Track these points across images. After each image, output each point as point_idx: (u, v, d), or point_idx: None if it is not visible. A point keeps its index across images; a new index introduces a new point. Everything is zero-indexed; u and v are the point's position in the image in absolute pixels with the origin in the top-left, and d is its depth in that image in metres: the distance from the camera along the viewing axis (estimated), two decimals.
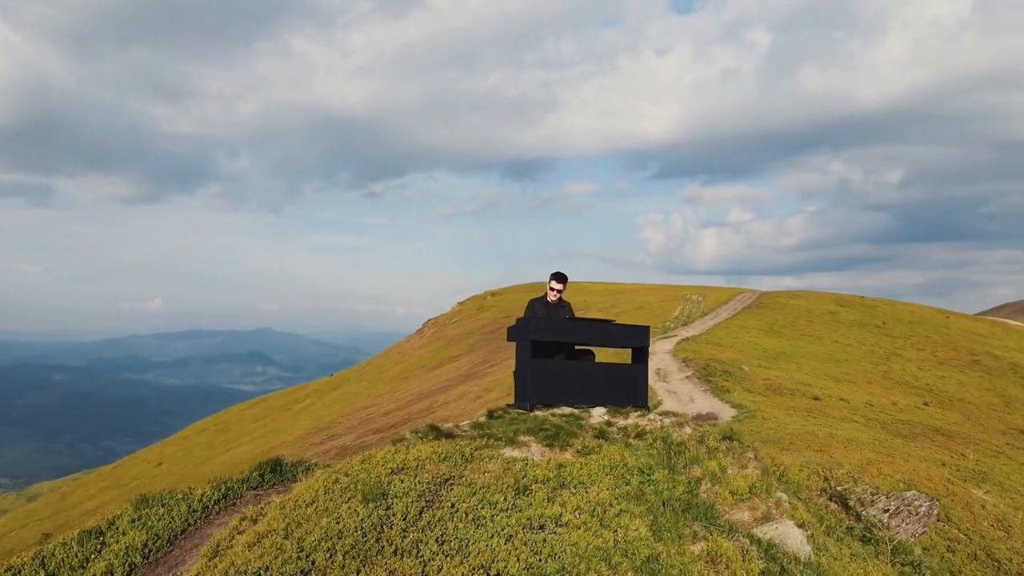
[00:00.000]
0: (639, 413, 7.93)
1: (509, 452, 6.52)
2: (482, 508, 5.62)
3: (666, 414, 8.15)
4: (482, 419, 7.66)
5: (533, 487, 5.94)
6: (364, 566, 5.12)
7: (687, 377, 32.70)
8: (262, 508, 6.80)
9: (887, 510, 11.00)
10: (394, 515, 5.58)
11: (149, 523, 6.87)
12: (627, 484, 6.19)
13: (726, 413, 24.29)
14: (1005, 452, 26.92)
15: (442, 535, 5.31)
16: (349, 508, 5.80)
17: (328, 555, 5.31)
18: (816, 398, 28.61)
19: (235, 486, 7.62)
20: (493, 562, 4.97)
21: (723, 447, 7.62)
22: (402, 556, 5.15)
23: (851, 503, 9.54)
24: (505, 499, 5.74)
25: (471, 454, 6.47)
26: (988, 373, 43.45)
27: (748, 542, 6.22)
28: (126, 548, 6.53)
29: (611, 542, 5.45)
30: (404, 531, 5.40)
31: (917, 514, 11.29)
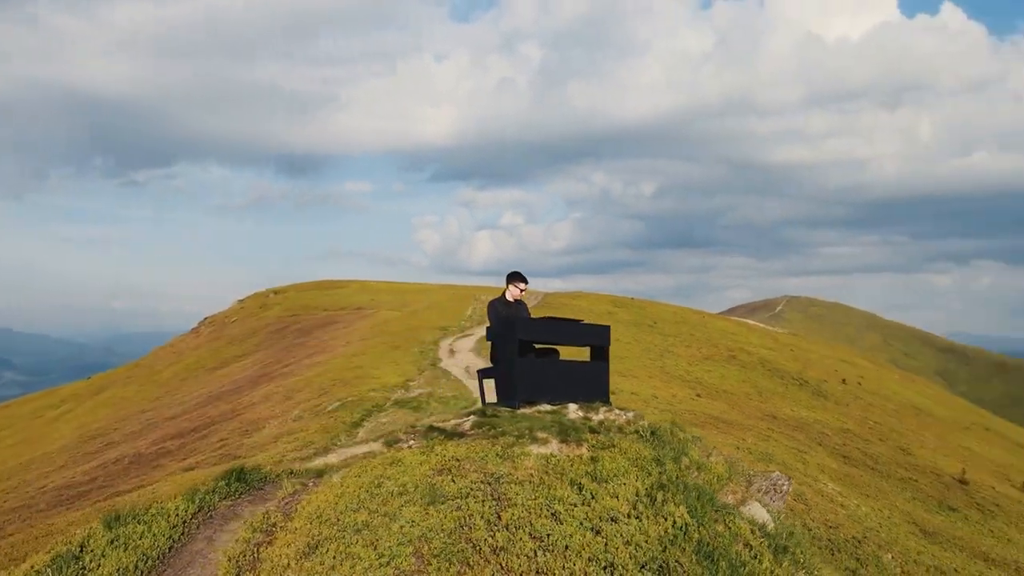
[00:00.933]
0: (607, 408, 8.35)
1: (536, 449, 6.63)
2: (553, 504, 5.72)
3: (624, 409, 8.65)
4: (474, 418, 7.65)
5: (582, 481, 6.13)
6: (466, 567, 5.02)
7: None
8: (268, 516, 6.29)
9: (760, 489, 12.42)
10: (471, 515, 5.50)
11: (132, 543, 6.04)
12: (650, 475, 6.58)
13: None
14: (772, 436, 31.00)
15: (532, 532, 5.35)
16: (415, 511, 5.61)
17: (416, 559, 5.13)
18: (612, 392, 31.10)
19: (207, 497, 6.90)
20: (600, 554, 5.12)
21: (689, 438, 8.29)
22: (502, 554, 5.12)
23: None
24: (567, 494, 5.88)
25: (504, 451, 6.50)
26: (743, 367, 49.55)
27: (745, 522, 6.89)
28: (117, 571, 5.72)
29: (670, 529, 5.81)
30: (491, 530, 5.35)
31: (780, 492, 12.85)
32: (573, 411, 8.10)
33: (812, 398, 47.36)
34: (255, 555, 5.72)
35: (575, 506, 5.73)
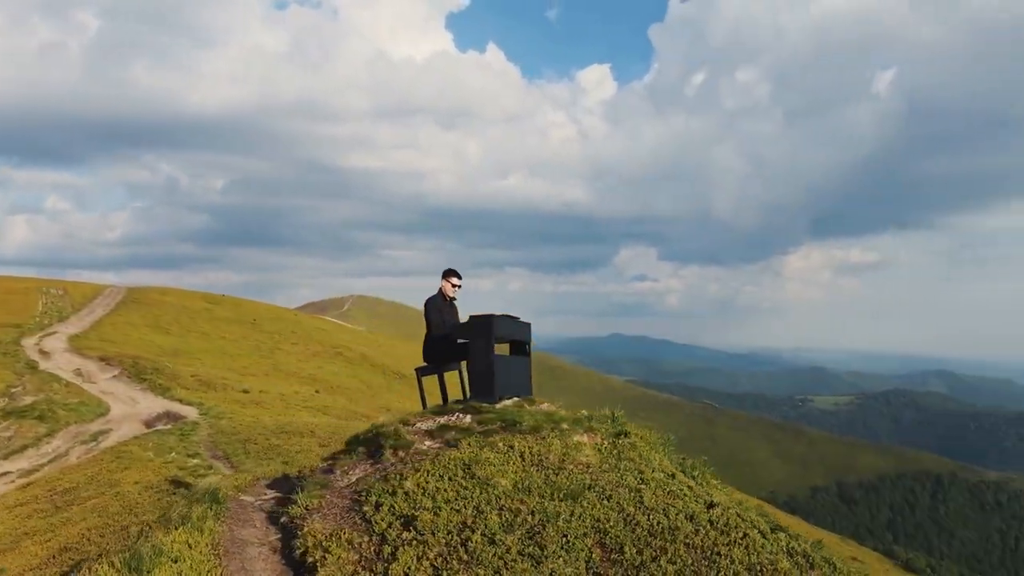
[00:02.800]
0: (539, 401, 8.87)
1: (584, 439, 7.00)
2: (640, 485, 6.25)
3: (540, 401, 9.26)
4: (470, 416, 7.55)
5: (642, 468, 6.75)
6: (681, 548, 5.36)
7: (115, 377, 30.10)
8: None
9: None
10: (622, 503, 5.77)
11: None
12: (661, 456, 7.48)
13: (189, 412, 23.87)
14: None
15: (685, 512, 5.86)
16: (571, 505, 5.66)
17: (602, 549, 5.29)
18: (246, 391, 30.11)
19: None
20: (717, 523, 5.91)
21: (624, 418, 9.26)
22: (677, 533, 5.55)
23: None
24: (642, 477, 6.46)
25: (564, 445, 6.74)
26: (350, 363, 50.95)
27: None
28: None
29: (713, 499, 6.83)
30: (647, 513, 5.71)
31: None
32: (540, 404, 8.41)
33: (413, 389, 50.71)
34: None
35: (656, 486, 6.34)
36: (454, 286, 8.79)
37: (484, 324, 8.05)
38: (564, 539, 5.36)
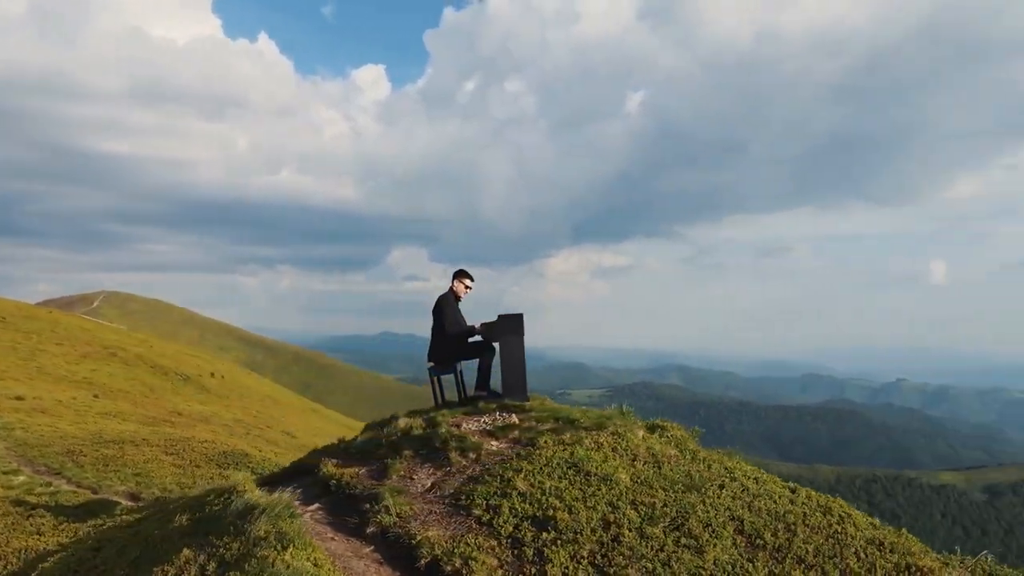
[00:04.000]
0: (540, 398, 8.98)
1: (640, 433, 7.29)
2: (731, 474, 6.72)
3: (541, 398, 9.35)
4: (532, 415, 7.55)
5: (705, 458, 7.20)
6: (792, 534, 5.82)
7: None
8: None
9: None
10: (734, 495, 6.16)
11: None
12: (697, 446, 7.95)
13: None
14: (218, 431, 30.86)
15: (773, 499, 6.36)
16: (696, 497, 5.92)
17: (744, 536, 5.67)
18: (20, 397, 27.08)
19: None
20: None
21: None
22: (796, 517, 6.04)
23: None
24: (726, 467, 6.93)
25: (626, 435, 6.99)
26: (127, 364, 46.24)
27: None
28: None
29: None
30: (753, 502, 6.16)
31: None
32: (544, 401, 8.53)
33: (198, 392, 47.49)
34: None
35: (753, 474, 6.84)
36: (467, 288, 8.76)
37: (516, 321, 8.02)
38: (709, 528, 5.61)
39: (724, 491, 6.15)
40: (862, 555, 5.46)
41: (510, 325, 8.04)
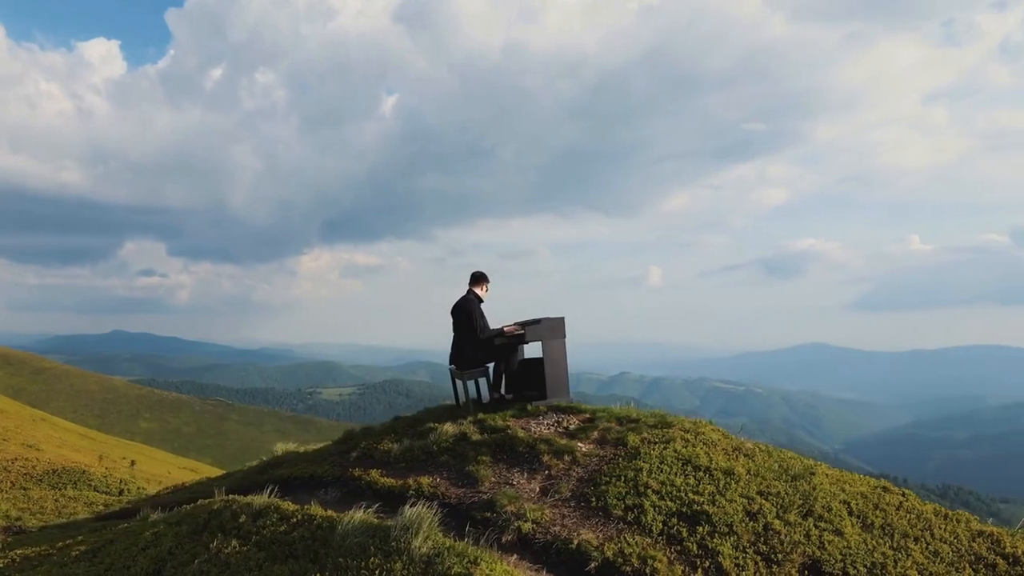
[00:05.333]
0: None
1: (706, 428, 7.84)
2: (801, 462, 7.49)
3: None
4: (575, 418, 7.70)
5: (764, 448, 7.89)
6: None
7: None
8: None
9: None
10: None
11: None
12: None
13: None
14: None
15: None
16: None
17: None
18: None
19: None
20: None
21: None
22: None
23: None
24: (781, 456, 7.67)
25: (702, 431, 7.53)
26: None
27: None
28: None
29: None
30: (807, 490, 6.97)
31: None
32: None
33: None
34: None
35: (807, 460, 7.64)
36: (487, 291, 8.75)
37: (559, 324, 8.14)
38: (831, 512, 6.24)
39: (815, 477, 6.87)
40: (940, 526, 6.46)
41: (554, 328, 8.16)
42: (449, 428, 7.74)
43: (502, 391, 8.76)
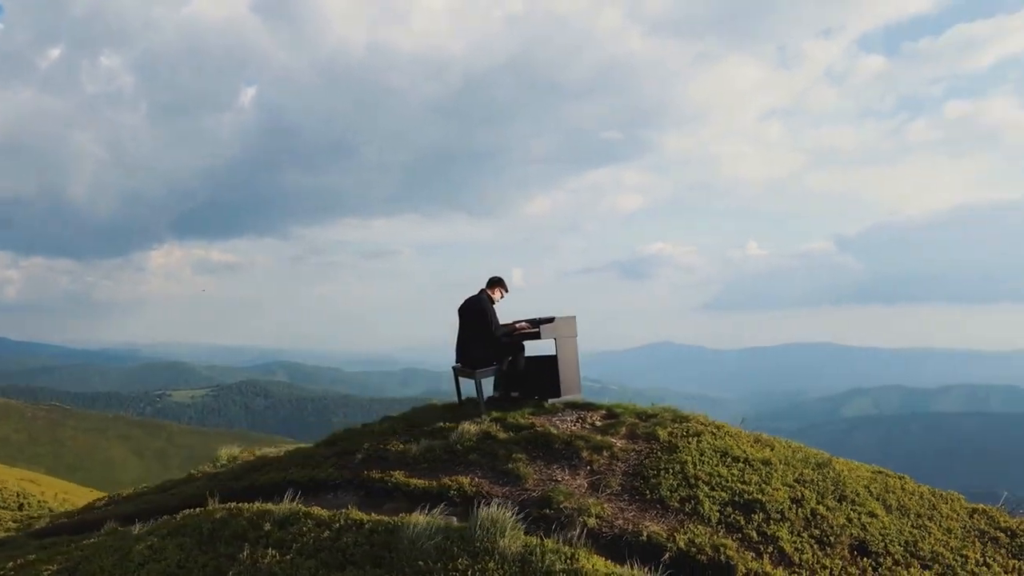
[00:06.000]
0: None
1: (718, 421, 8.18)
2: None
3: None
4: (597, 415, 7.82)
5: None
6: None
7: None
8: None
9: None
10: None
11: None
12: None
13: None
14: None
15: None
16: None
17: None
18: None
19: None
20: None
21: None
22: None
23: None
24: (790, 445, 8.13)
25: (717, 423, 7.87)
26: None
27: None
28: None
29: None
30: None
31: None
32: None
33: None
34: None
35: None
36: (502, 296, 8.71)
37: (571, 323, 8.22)
38: (861, 497, 6.69)
39: (836, 464, 7.35)
40: (941, 505, 7.10)
41: (567, 327, 8.24)
42: (471, 427, 7.64)
43: (508, 389, 8.75)
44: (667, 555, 5.71)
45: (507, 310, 8.68)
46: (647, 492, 6.45)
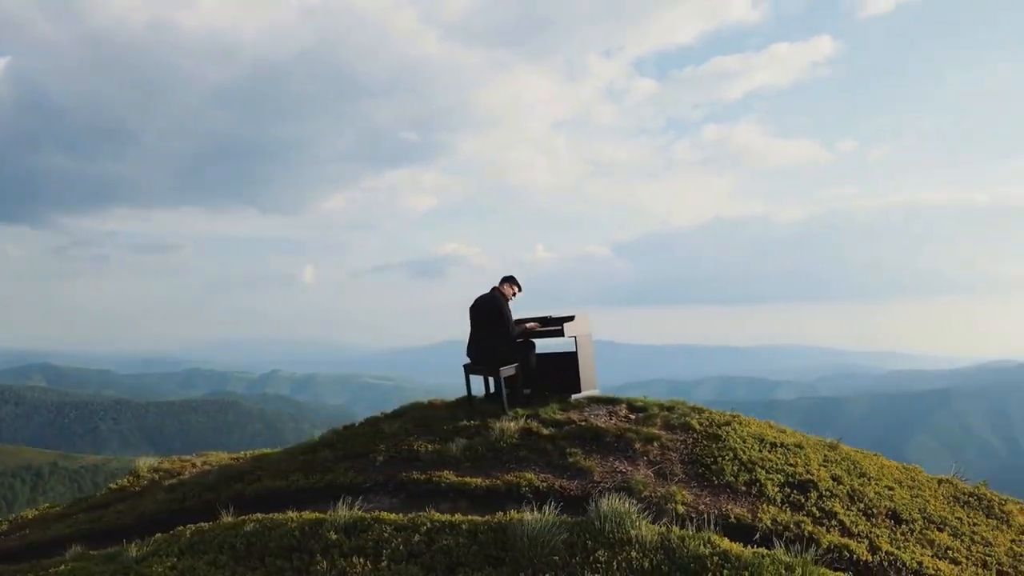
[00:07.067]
0: None
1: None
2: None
3: None
4: (621, 409, 8.07)
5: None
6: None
7: None
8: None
9: None
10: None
11: None
12: None
13: None
14: None
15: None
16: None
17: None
18: None
19: None
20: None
21: None
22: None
23: None
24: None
25: (733, 413, 8.43)
26: None
27: None
28: None
29: None
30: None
31: None
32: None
33: None
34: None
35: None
36: (515, 294, 8.64)
37: (585, 319, 8.37)
38: (885, 476, 7.49)
39: (842, 446, 8.15)
40: (915, 476, 8.14)
41: (582, 324, 8.39)
42: (510, 424, 7.58)
43: (522, 387, 8.73)
44: (758, 534, 6.11)
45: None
46: (713, 478, 6.82)
